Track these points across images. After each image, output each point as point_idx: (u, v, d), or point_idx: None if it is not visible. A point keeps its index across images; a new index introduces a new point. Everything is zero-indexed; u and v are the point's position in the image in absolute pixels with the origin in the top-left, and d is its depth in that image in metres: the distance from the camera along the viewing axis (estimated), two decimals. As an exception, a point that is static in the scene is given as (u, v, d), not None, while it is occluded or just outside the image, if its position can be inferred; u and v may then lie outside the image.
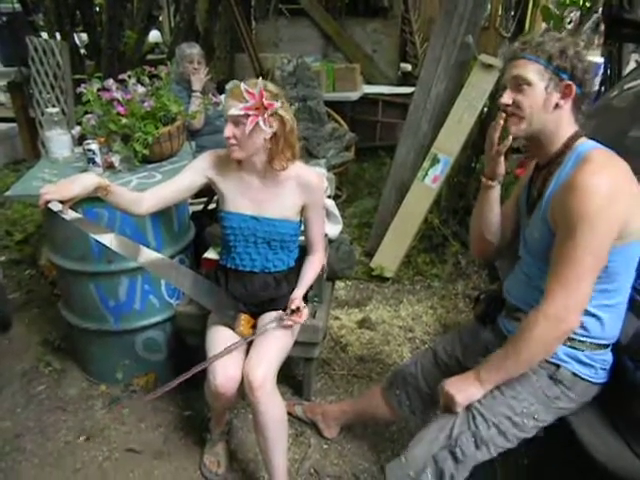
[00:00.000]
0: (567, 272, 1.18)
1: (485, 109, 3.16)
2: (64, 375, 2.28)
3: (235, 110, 1.53)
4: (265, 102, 1.53)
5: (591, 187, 1.15)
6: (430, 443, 1.32)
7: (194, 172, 1.76)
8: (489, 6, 6.12)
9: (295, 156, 1.68)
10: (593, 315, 1.25)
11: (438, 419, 1.37)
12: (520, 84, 1.25)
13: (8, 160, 4.87)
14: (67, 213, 1.52)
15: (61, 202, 1.49)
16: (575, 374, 1.28)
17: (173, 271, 1.75)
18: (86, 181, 1.53)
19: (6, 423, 2.03)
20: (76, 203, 1.56)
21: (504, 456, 1.37)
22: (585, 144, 1.27)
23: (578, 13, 3.46)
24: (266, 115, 1.54)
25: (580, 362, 1.28)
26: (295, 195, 1.71)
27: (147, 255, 1.66)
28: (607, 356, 1.31)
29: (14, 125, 4.78)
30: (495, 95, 3.13)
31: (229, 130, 1.58)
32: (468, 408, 1.31)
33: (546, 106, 1.25)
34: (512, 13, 6.47)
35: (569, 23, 3.25)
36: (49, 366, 2.32)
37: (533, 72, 1.23)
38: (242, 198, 1.73)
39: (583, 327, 1.25)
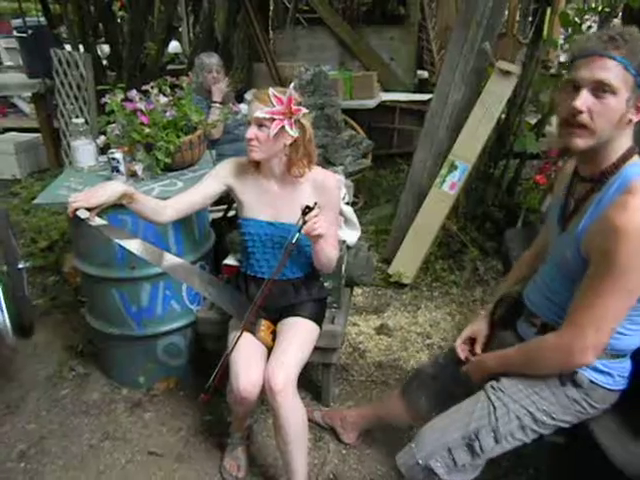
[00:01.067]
0: (597, 311, 1.13)
1: (503, 116, 3.16)
2: (87, 379, 2.32)
3: (261, 112, 1.57)
4: (293, 107, 1.57)
5: (631, 232, 1.05)
6: (444, 432, 1.31)
7: (214, 180, 1.80)
8: (506, 12, 6.13)
9: (312, 164, 1.71)
10: (616, 332, 1.21)
11: (453, 409, 1.37)
12: (603, 90, 1.07)
13: (32, 169, 4.99)
14: (94, 220, 1.57)
15: (88, 209, 1.54)
16: (592, 381, 1.27)
17: (196, 277, 1.79)
18: (113, 189, 1.58)
19: (31, 426, 2.08)
20: (101, 210, 1.61)
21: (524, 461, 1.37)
22: (633, 167, 1.14)
23: (597, 18, 3.43)
24: (292, 120, 1.58)
25: (596, 370, 1.26)
26: (311, 198, 1.71)
27: (170, 260, 1.70)
28: (625, 363, 1.29)
29: (38, 135, 4.91)
30: (513, 101, 3.14)
31: (252, 132, 1.61)
32: (490, 398, 1.31)
33: (621, 121, 1.10)
34: (530, 19, 6.46)
35: (588, 29, 3.22)
36: (73, 371, 2.37)
37: (620, 79, 1.06)
38: (259, 204, 1.76)
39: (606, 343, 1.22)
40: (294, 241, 1.57)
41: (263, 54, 4.71)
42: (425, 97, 4.90)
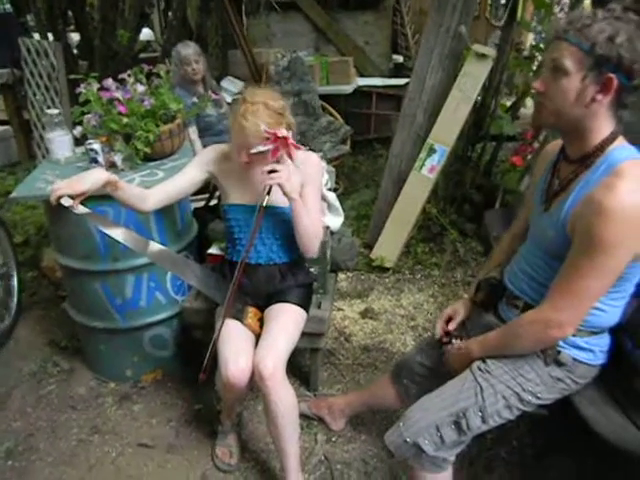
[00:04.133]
0: (576, 288, 1.17)
1: (480, 98, 3.20)
2: (72, 374, 2.30)
3: (261, 147, 1.57)
4: (289, 141, 1.58)
5: (618, 213, 1.07)
6: (431, 411, 1.34)
7: (196, 167, 1.80)
8: (479, -5, 6.15)
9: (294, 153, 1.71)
10: (596, 309, 1.24)
11: (441, 389, 1.40)
12: (557, 71, 1.13)
13: (3, 163, 4.86)
14: (78, 208, 1.55)
15: (72, 198, 1.52)
16: (575, 359, 1.30)
17: (182, 265, 1.78)
18: (96, 176, 1.57)
19: (17, 423, 2.06)
20: (83, 200, 1.59)
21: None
22: (619, 150, 1.16)
23: (568, 1, 3.48)
24: (288, 147, 1.59)
25: (579, 348, 1.30)
26: (294, 177, 1.72)
27: (155, 248, 1.69)
28: (605, 339, 1.33)
29: (8, 127, 4.77)
30: (489, 84, 3.17)
31: (244, 156, 1.62)
32: (477, 379, 1.34)
33: (580, 100, 1.13)
34: (502, 2, 6.49)
35: (560, 11, 3.26)
36: (57, 366, 2.34)
37: (571, 59, 1.11)
38: (245, 190, 1.76)
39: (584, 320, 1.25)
40: (264, 204, 1.60)
41: (238, 41, 4.64)
42: (401, 82, 4.92)
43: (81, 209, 1.56)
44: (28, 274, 3.05)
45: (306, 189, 1.74)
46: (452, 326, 1.56)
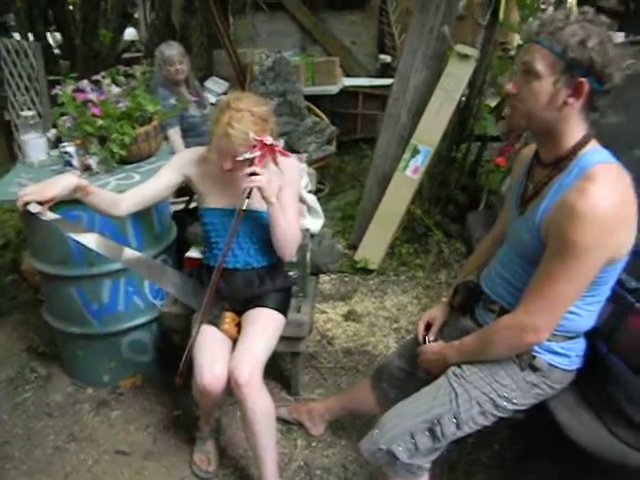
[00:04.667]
0: (549, 293, 1.16)
1: (463, 99, 3.19)
2: (50, 380, 2.26)
3: (248, 154, 1.55)
4: (275, 149, 1.57)
5: (590, 217, 1.06)
6: (406, 418, 1.33)
7: (172, 171, 1.77)
8: (465, -5, 6.15)
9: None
10: (571, 313, 1.23)
11: (416, 395, 1.38)
12: (528, 73, 1.13)
13: (-16, 164, 4.79)
14: (46, 214, 1.51)
15: (40, 203, 1.48)
16: (550, 364, 1.29)
17: (157, 271, 1.76)
18: (65, 182, 1.53)
19: (-7, 431, 2.02)
20: (54, 205, 1.55)
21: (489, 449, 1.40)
22: (591, 154, 1.15)
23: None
24: (274, 153, 1.58)
25: (554, 353, 1.29)
26: (274, 180, 1.70)
27: (130, 255, 1.66)
28: (581, 343, 1.32)
29: (-11, 129, 4.70)
30: (473, 85, 3.17)
31: (229, 164, 1.60)
32: (452, 385, 1.33)
33: (552, 103, 1.12)
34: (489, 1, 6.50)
35: (543, 11, 3.26)
36: (34, 372, 2.30)
37: (543, 62, 1.10)
38: (221, 193, 1.73)
39: (558, 324, 1.24)
40: (244, 207, 1.58)
41: (223, 41, 4.60)
42: (388, 82, 4.88)
43: (50, 215, 1.52)
44: (8, 277, 3.00)
45: (284, 192, 1.71)
46: (432, 337, 1.55)
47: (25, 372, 2.31)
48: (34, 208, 1.47)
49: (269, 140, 1.55)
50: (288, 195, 1.73)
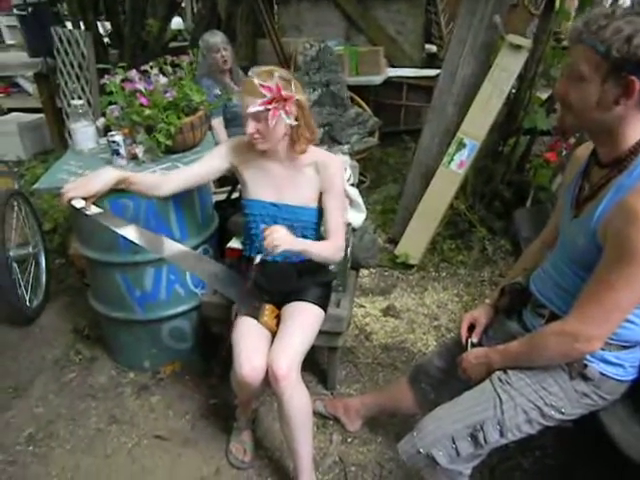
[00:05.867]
0: (605, 300, 1.10)
1: (513, 91, 3.07)
2: (94, 363, 2.33)
3: (254, 107, 1.52)
4: (284, 94, 1.52)
5: None
6: (447, 422, 1.29)
7: (217, 156, 1.78)
8: (517, -18, 5.93)
9: (315, 137, 1.68)
10: (628, 321, 1.17)
11: (457, 399, 1.35)
12: (574, 75, 1.08)
13: (37, 150, 4.96)
14: (89, 209, 1.54)
15: (84, 198, 1.52)
16: (603, 373, 1.23)
17: (196, 263, 1.76)
18: (106, 176, 1.56)
19: (39, 409, 2.10)
20: (101, 196, 1.58)
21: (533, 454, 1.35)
22: None
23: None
24: (287, 107, 1.54)
25: (607, 362, 1.23)
26: (313, 181, 1.71)
27: (170, 247, 1.68)
28: (637, 353, 1.25)
29: (42, 115, 4.86)
30: (524, 76, 3.05)
31: (252, 127, 1.58)
32: (496, 390, 1.29)
33: (602, 104, 1.07)
34: (542, -11, 6.24)
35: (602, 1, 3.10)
36: (79, 354, 2.37)
37: (588, 63, 1.05)
38: (263, 185, 1.73)
39: (613, 333, 1.18)
40: (258, 261, 1.56)
41: (267, 30, 4.60)
42: (434, 72, 4.78)
43: (93, 209, 1.56)
44: (56, 261, 3.10)
45: (327, 195, 1.71)
46: (475, 338, 1.50)
47: (71, 354, 2.38)
48: (78, 203, 1.52)
49: (275, 86, 1.50)
50: (331, 199, 1.71)
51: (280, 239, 1.50)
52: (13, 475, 1.83)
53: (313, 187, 1.71)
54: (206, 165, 1.78)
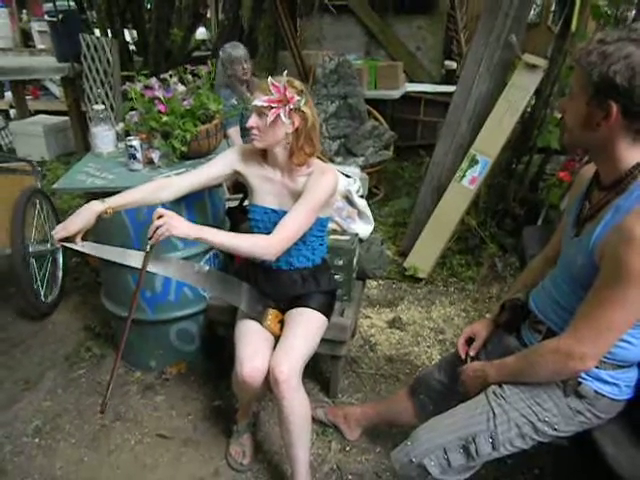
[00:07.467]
0: (600, 319, 1.11)
1: (528, 109, 3.09)
2: (103, 360, 2.38)
3: (259, 101, 1.58)
4: (288, 95, 1.57)
5: None
6: (440, 433, 1.31)
7: (221, 162, 1.82)
8: (539, 1, 5.94)
9: (314, 153, 1.70)
10: (623, 341, 1.18)
11: (452, 411, 1.36)
12: (570, 93, 1.15)
13: (60, 152, 5.11)
14: (79, 244, 1.62)
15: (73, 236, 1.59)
16: (597, 392, 1.23)
17: (195, 275, 1.78)
18: (86, 213, 1.60)
19: (47, 403, 2.15)
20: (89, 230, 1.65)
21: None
22: None
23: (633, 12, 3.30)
24: (287, 108, 1.58)
25: (602, 380, 1.23)
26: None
27: (166, 265, 1.73)
28: (633, 373, 1.26)
29: (67, 118, 5.00)
30: (539, 95, 3.06)
31: (253, 120, 1.64)
32: (490, 404, 1.30)
33: (587, 124, 1.11)
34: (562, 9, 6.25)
35: (620, 22, 3.10)
36: (89, 351, 2.43)
37: (578, 83, 1.10)
38: (266, 192, 1.77)
39: (608, 352, 1.19)
40: (148, 249, 1.57)
41: (288, 42, 4.68)
42: (452, 89, 4.78)
43: (81, 244, 1.63)
44: (72, 259, 3.18)
45: (301, 197, 1.66)
46: (473, 352, 1.52)
47: (81, 350, 2.44)
48: (67, 242, 1.60)
49: (283, 86, 1.56)
50: (302, 202, 1.65)
51: (171, 224, 1.50)
52: (19, 466, 1.88)
53: None
54: (210, 171, 1.82)
